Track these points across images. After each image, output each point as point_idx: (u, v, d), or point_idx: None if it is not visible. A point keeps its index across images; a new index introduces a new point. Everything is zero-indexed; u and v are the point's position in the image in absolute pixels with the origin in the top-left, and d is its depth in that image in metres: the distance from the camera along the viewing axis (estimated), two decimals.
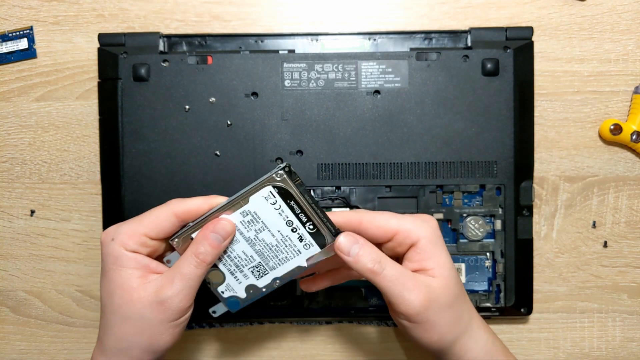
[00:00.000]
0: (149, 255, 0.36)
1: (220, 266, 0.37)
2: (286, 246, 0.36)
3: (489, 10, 0.48)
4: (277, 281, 0.37)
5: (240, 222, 0.36)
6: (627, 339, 0.49)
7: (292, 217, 0.36)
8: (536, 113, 0.47)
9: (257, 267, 0.37)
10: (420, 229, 0.36)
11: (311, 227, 0.36)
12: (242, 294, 0.37)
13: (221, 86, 0.45)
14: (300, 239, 0.36)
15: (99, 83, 0.46)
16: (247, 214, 0.36)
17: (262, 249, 0.37)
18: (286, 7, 0.48)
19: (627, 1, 0.48)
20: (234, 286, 0.37)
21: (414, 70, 0.45)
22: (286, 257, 0.37)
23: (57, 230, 0.49)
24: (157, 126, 0.45)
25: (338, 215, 0.37)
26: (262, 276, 0.37)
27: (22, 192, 0.48)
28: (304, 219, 0.36)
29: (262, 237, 0.36)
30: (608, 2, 0.48)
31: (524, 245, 0.46)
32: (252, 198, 0.36)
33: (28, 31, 0.48)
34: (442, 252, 0.36)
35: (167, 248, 0.38)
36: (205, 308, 0.39)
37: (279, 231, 0.36)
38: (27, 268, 0.49)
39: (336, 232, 0.36)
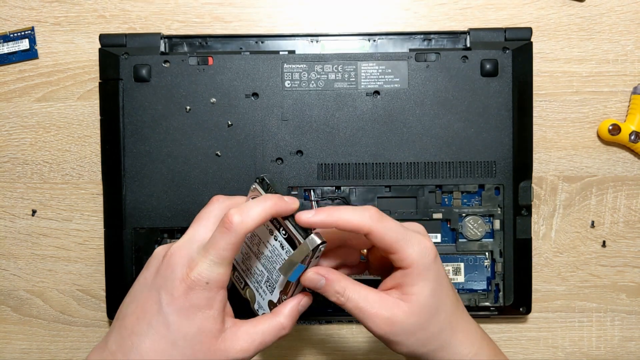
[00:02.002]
0: None
1: (250, 284, 0.38)
2: (275, 256, 0.36)
3: (487, 11, 0.48)
4: (284, 296, 0.36)
5: (248, 237, 0.37)
6: (625, 338, 0.49)
7: (270, 226, 0.36)
8: (535, 113, 0.47)
9: (268, 282, 0.37)
10: (415, 258, 0.35)
11: (284, 233, 0.35)
12: (268, 310, 0.37)
13: (222, 87, 0.46)
14: (282, 246, 0.35)
15: (100, 84, 0.46)
16: None
17: (265, 262, 0.36)
18: (286, 8, 0.48)
19: (625, 2, 0.48)
20: (262, 303, 0.37)
21: (413, 71, 0.46)
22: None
23: (58, 230, 0.49)
24: (158, 127, 0.46)
25: (352, 213, 0.35)
26: (272, 290, 0.37)
27: (23, 192, 0.49)
28: (277, 225, 0.35)
29: (261, 249, 0.36)
30: (607, 2, 0.48)
31: (523, 245, 0.46)
32: None
33: (29, 32, 0.48)
34: (427, 283, 0.35)
35: None
36: None
37: (268, 241, 0.36)
38: (28, 268, 0.49)
39: (306, 234, 0.34)
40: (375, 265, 0.39)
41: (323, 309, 0.47)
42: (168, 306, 0.33)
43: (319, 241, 0.34)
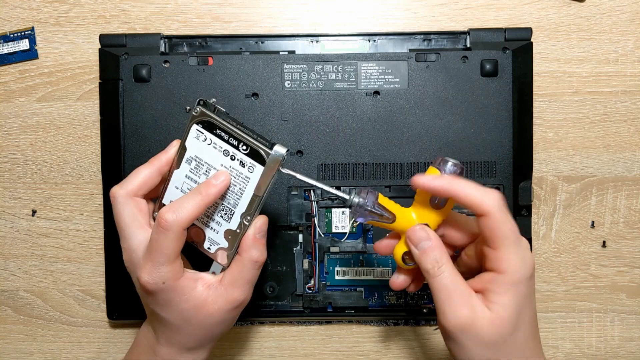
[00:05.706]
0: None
1: (196, 223, 0.37)
2: (234, 177, 0.36)
3: (487, 11, 0.48)
4: (247, 217, 0.36)
5: (190, 170, 0.36)
6: (625, 338, 0.49)
7: (225, 145, 0.35)
8: (535, 113, 0.47)
9: (223, 210, 0.36)
10: (514, 266, 0.33)
11: (244, 148, 0.35)
12: (224, 243, 0.37)
13: (222, 87, 0.46)
14: (242, 164, 0.35)
15: (100, 84, 0.46)
16: (192, 161, 0.36)
17: None
18: (286, 8, 0.48)
19: (625, 2, 0.48)
20: (215, 238, 0.37)
21: (413, 71, 0.46)
22: (240, 188, 0.36)
23: (58, 230, 0.49)
24: (158, 127, 0.46)
25: (476, 189, 0.33)
26: (231, 218, 0.36)
27: (23, 192, 0.49)
28: (235, 142, 0.35)
29: None
30: (607, 3, 0.48)
31: None
32: (187, 143, 0.36)
33: (29, 32, 0.48)
34: (516, 297, 0.33)
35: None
36: None
37: (222, 165, 0.35)
38: (28, 268, 0.49)
39: (271, 143, 0.35)
40: (466, 262, 0.37)
41: (324, 309, 0.47)
42: (162, 307, 0.37)
43: (284, 149, 0.34)
